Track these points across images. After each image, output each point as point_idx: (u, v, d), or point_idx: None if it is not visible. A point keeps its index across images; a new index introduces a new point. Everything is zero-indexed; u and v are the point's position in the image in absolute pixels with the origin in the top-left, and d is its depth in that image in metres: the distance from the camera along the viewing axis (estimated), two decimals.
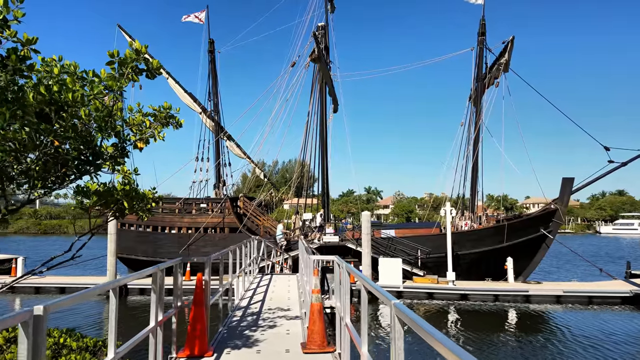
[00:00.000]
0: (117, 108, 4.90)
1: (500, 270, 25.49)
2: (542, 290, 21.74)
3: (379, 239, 25.07)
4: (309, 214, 28.07)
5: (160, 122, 5.90)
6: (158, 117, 5.87)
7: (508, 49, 24.66)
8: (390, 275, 22.07)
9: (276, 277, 14.09)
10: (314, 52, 23.18)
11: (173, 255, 27.15)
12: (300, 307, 8.86)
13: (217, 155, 29.88)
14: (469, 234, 25.73)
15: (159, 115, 5.87)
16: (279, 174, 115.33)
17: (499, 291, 21.81)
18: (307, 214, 28.06)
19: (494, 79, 27.00)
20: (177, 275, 6.07)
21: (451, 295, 21.95)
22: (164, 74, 30.11)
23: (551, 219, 26.22)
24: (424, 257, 24.36)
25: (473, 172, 27.77)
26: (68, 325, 17.19)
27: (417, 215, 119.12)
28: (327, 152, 29.14)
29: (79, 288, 24.49)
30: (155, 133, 5.87)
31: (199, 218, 27.30)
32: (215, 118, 30.24)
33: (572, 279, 25.06)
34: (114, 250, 24.01)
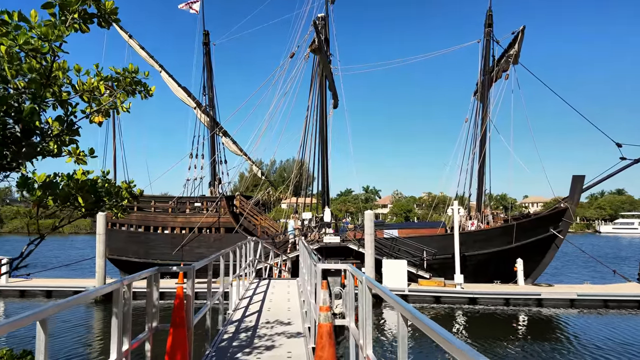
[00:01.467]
0: (59, 67, 3.67)
1: (509, 272, 24.33)
2: (555, 294, 20.59)
3: (382, 239, 23.87)
4: (309, 214, 26.85)
5: (125, 89, 4.69)
6: (122, 82, 4.67)
7: (518, 40, 23.46)
8: (395, 278, 20.88)
9: (274, 283, 12.86)
10: (314, 42, 21.94)
11: (166, 257, 25.91)
12: (303, 321, 7.65)
13: (213, 152, 28.61)
14: (477, 234, 24.56)
15: (122, 81, 4.66)
16: (277, 172, 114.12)
17: (509, 294, 20.65)
18: (307, 213, 26.84)
19: (502, 72, 25.80)
20: (151, 289, 4.85)
21: (459, 299, 20.78)
22: (156, 67, 28.86)
23: (561, 219, 25.09)
24: (430, 258, 23.16)
25: (480, 170, 26.60)
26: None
27: (416, 214, 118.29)
28: (327, 149, 27.95)
29: (66, 292, 23.22)
30: (118, 103, 4.67)
31: (193, 218, 26.04)
32: (211, 113, 28.98)
33: (584, 282, 23.89)
34: (103, 252, 22.74)
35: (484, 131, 26.57)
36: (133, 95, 5.12)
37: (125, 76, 4.95)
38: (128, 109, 5.17)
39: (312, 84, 27.21)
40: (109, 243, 27.63)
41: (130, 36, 28.87)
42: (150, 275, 4.86)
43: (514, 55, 23.63)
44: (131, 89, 5.07)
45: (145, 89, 5.16)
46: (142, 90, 5.16)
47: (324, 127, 27.86)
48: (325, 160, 27.80)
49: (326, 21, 26.96)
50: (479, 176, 26.52)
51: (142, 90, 5.16)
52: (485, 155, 26.62)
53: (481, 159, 26.52)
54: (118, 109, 4.99)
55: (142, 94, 5.18)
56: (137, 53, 29.00)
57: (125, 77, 4.95)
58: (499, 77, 26.36)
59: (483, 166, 26.50)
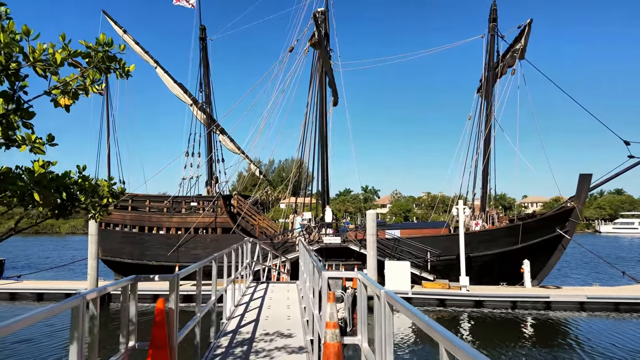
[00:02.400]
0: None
1: (514, 274, 23.61)
2: (564, 296, 19.86)
3: (383, 240, 23.11)
4: (309, 213, 26.08)
5: (97, 66, 3.94)
6: (93, 58, 3.91)
7: (525, 34, 22.70)
8: (398, 280, 20.13)
9: (273, 287, 12.08)
10: (313, 35, 21.14)
11: (161, 258, 25.11)
12: (305, 332, 6.89)
13: (209, 150, 27.82)
14: (481, 234, 23.82)
15: (94, 56, 3.90)
16: (275, 172, 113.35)
17: (517, 297, 19.90)
18: (307, 213, 26.07)
19: (507, 67, 25.06)
20: (127, 302, 4.09)
21: (464, 302, 20.03)
22: (151, 63, 28.07)
23: (568, 218, 24.39)
24: (434, 259, 22.40)
25: (484, 169, 25.85)
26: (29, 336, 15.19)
27: (415, 214, 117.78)
28: (327, 147, 27.18)
29: (57, 294, 22.44)
30: (87, 82, 3.91)
31: (189, 217, 25.24)
32: (207, 110, 28.18)
33: (593, 283, 23.17)
34: (95, 253, 21.92)
35: (488, 129, 25.82)
36: (107, 74, 4.35)
37: (98, 51, 4.19)
38: (100, 90, 4.40)
39: (312, 80, 26.46)
40: (102, 244, 26.84)
41: (124, 31, 28.08)
42: (126, 286, 4.09)
43: (520, 49, 22.87)
44: (104, 67, 4.30)
45: (121, 67, 4.39)
46: (118, 68, 4.39)
47: (324, 124, 27.10)
48: (325, 159, 27.05)
49: (326, 15, 26.18)
50: (484, 175, 25.79)
51: (118, 68, 4.39)
52: (490, 154, 25.88)
53: (486, 158, 25.79)
54: (87, 89, 4.24)
55: (118, 73, 4.41)
56: (132, 48, 28.20)
57: (98, 52, 4.18)
58: (503, 73, 25.62)
59: (488, 165, 25.76)
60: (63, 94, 4.15)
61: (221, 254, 7.68)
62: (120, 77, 4.18)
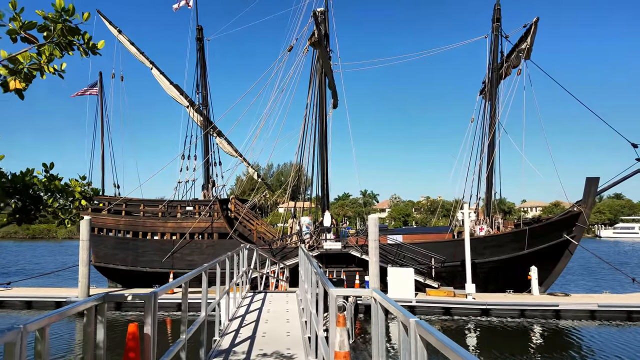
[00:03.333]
0: None
1: (521, 281, 22.87)
2: (574, 304, 19.11)
3: (386, 245, 22.33)
4: (307, 218, 25.31)
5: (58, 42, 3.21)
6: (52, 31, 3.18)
7: (531, 33, 22.03)
8: (401, 288, 19.36)
9: (271, 297, 11.29)
10: (313, 34, 20.44)
11: (155, 265, 24.30)
12: (306, 353, 6.12)
13: (206, 153, 27.05)
14: (487, 240, 23.06)
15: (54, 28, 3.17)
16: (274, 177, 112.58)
17: (525, 305, 19.14)
18: (305, 217, 25.29)
19: (511, 68, 24.40)
20: (92, 326, 3.33)
21: (471, 310, 19.27)
22: (147, 64, 27.35)
23: (574, 223, 23.65)
24: (439, 266, 21.63)
25: (489, 173, 25.14)
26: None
27: (415, 219, 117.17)
28: (327, 151, 26.44)
29: (46, 302, 21.59)
30: (42, 61, 3.18)
31: (184, 222, 24.44)
32: (204, 112, 27.45)
33: (603, 291, 22.42)
34: (86, 259, 21.13)
35: (492, 132, 25.13)
36: (68, 51, 3.60)
37: (57, 21, 3.44)
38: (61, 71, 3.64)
39: (312, 81, 25.74)
40: (95, 250, 26.05)
41: (119, 31, 27.39)
42: (91, 307, 3.34)
43: (526, 49, 22.20)
44: (65, 41, 3.55)
45: (86, 42, 3.64)
46: (82, 43, 3.64)
47: (324, 127, 26.37)
48: (325, 162, 26.32)
49: (326, 15, 25.51)
50: (488, 180, 25.07)
51: (82, 44, 3.64)
52: (494, 158, 25.18)
53: (490, 162, 25.11)
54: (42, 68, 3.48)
55: (82, 49, 3.66)
56: (127, 49, 27.51)
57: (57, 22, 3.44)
58: (508, 74, 24.96)
59: (492, 169, 25.06)
60: (12, 74, 3.41)
61: (213, 264, 6.92)
62: (85, 55, 3.44)
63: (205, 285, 5.87)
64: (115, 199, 26.20)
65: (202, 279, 5.83)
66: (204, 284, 5.79)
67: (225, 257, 8.02)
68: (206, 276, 5.84)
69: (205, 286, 5.86)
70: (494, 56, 24.94)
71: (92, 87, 27.65)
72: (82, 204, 5.24)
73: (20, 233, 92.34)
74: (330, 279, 23.00)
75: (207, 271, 5.98)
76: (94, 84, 27.60)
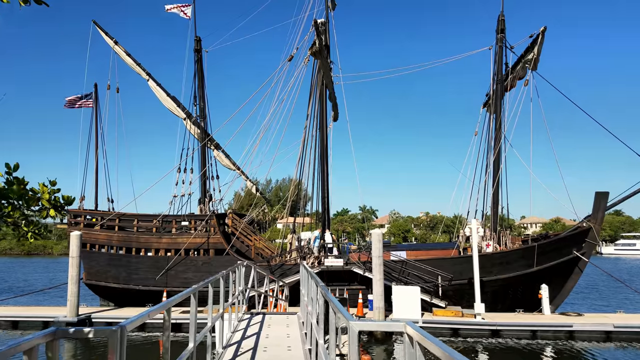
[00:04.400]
0: None
1: (530, 299, 21.93)
2: (588, 325, 18.15)
3: (389, 262, 21.38)
4: (308, 233, 24.40)
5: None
6: None
7: (538, 43, 21.45)
8: (407, 307, 18.40)
9: (270, 319, 10.35)
10: (314, 44, 19.83)
11: (148, 282, 23.32)
12: None
13: (203, 166, 26.22)
14: (495, 257, 22.15)
15: None
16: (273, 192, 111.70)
17: (537, 326, 18.18)
18: (306, 232, 24.40)
19: (517, 79, 23.80)
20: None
21: (480, 331, 18.29)
22: (143, 75, 26.71)
23: (584, 239, 22.78)
24: (446, 284, 20.67)
25: (495, 188, 24.35)
26: None
27: (414, 234, 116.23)
28: (328, 165, 25.67)
29: (33, 323, 20.56)
30: None
31: (179, 238, 23.49)
32: (202, 124, 26.72)
33: (617, 310, 21.45)
34: (76, 277, 20.15)
35: (498, 146, 24.40)
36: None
37: None
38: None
39: (312, 93, 25.07)
40: (87, 266, 25.07)
41: (116, 42, 26.81)
42: (33, 348, 2.49)
43: (532, 60, 21.59)
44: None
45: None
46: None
47: (325, 140, 25.63)
48: (325, 177, 25.52)
49: (326, 27, 24.99)
50: (495, 194, 24.26)
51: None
52: (500, 172, 24.40)
53: (496, 176, 24.34)
54: None
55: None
56: (123, 60, 26.91)
57: None
58: (513, 86, 24.34)
59: (499, 183, 24.28)
60: None
61: (205, 284, 6.06)
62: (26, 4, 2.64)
63: (194, 310, 5.00)
64: (108, 214, 25.29)
65: (191, 303, 4.97)
66: (193, 309, 4.92)
67: (220, 276, 7.15)
68: (195, 300, 4.98)
69: (194, 311, 5.00)
70: (499, 68, 24.35)
71: (86, 99, 26.93)
72: (50, 214, 4.40)
73: (15, 249, 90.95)
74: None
75: (197, 293, 5.12)
76: (87, 95, 26.90)
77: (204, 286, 6.07)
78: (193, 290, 4.91)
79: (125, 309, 21.85)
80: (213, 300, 6.49)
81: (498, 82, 24.15)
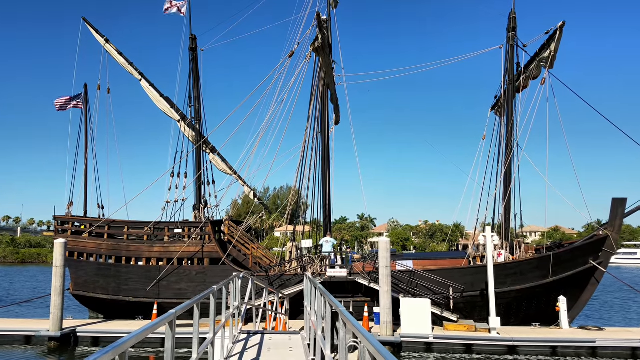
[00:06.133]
0: None
1: (545, 312, 20.61)
2: (612, 340, 16.79)
3: (396, 272, 20.00)
4: (309, 241, 23.05)
5: None
6: None
7: (556, 39, 20.22)
8: (417, 321, 17.01)
9: (269, 340, 8.97)
10: (317, 39, 18.61)
11: (139, 294, 21.92)
12: None
13: (198, 170, 24.85)
14: (508, 267, 20.82)
15: None
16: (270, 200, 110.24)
17: (556, 342, 16.81)
18: (307, 240, 23.04)
19: (530, 79, 22.60)
20: None
21: (495, 347, 16.90)
22: (135, 75, 25.45)
23: (601, 248, 21.51)
24: (458, 296, 19.30)
25: (507, 195, 23.09)
26: None
27: (413, 243, 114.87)
28: (330, 170, 24.37)
29: (14, 337, 19.06)
30: None
31: (172, 246, 22.08)
32: (197, 127, 25.43)
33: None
34: (59, 288, 18.71)
35: (509, 151, 23.14)
36: None
37: None
38: None
39: (313, 93, 23.81)
40: (74, 276, 23.66)
41: (107, 40, 25.57)
42: None
43: (549, 57, 20.38)
44: None
45: None
46: None
47: (327, 143, 24.37)
48: (327, 182, 24.21)
49: (328, 24, 23.84)
50: (507, 200, 22.96)
51: None
52: (512, 179, 23.13)
53: (507, 181, 23.10)
54: None
55: None
56: (115, 59, 25.66)
57: None
58: (525, 86, 23.13)
59: (511, 189, 23.01)
60: None
61: (189, 305, 4.73)
62: None
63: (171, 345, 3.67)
64: (97, 221, 23.89)
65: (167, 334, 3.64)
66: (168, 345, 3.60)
67: (210, 293, 5.84)
68: (172, 330, 3.65)
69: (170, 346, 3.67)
70: (510, 67, 23.16)
71: (75, 100, 25.64)
72: None
73: (9, 258, 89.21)
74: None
75: (175, 321, 3.79)
76: (77, 96, 25.60)
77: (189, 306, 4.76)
78: (168, 318, 3.59)
79: (113, 322, 20.41)
80: (197, 329, 5.17)
81: (509, 82, 22.95)
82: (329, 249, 21.50)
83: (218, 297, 6.79)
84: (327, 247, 21.55)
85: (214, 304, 5.93)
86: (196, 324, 4.98)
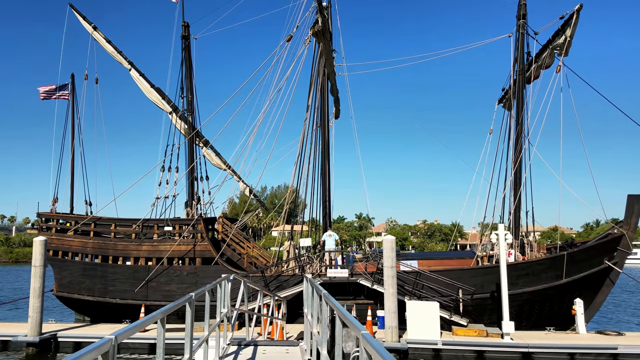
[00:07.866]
0: None
1: (559, 315, 19.41)
2: (634, 347, 15.58)
3: (401, 273, 18.70)
4: (307, 240, 21.76)
5: None
6: None
7: (572, 24, 18.99)
8: (424, 326, 15.73)
9: (264, 353, 7.68)
10: (317, 22, 17.30)
11: (126, 295, 20.59)
12: None
13: (190, 164, 23.50)
14: (519, 267, 19.59)
15: None
16: (268, 199, 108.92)
17: (575, 348, 15.57)
18: (305, 239, 21.75)
19: (542, 69, 21.37)
20: None
21: (509, 354, 15.65)
22: (125, 64, 24.12)
23: (616, 247, 20.32)
24: (468, 299, 18.03)
25: (515, 190, 21.88)
26: None
27: (412, 242, 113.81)
28: (330, 166, 23.11)
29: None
30: None
31: (161, 245, 20.74)
32: (189, 119, 24.10)
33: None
34: (39, 290, 17.35)
35: (519, 145, 21.91)
36: None
37: None
38: None
39: (312, 82, 22.51)
40: (59, 277, 22.31)
41: (94, 28, 24.22)
42: None
43: (565, 44, 19.12)
44: None
45: None
46: None
47: (327, 136, 23.10)
48: (327, 177, 22.95)
49: (329, 11, 22.57)
50: (517, 197, 21.75)
51: None
52: (521, 171, 21.93)
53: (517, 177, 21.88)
54: None
55: None
56: (103, 48, 24.32)
57: None
58: (536, 77, 21.90)
59: (519, 185, 21.78)
60: None
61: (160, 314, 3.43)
62: None
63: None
64: (82, 218, 22.53)
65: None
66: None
67: (187, 302, 4.57)
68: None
69: None
70: (520, 56, 21.91)
71: (62, 90, 24.26)
72: None
73: (3, 257, 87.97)
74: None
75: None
76: (63, 86, 24.23)
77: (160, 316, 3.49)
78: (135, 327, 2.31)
79: (98, 326, 19.09)
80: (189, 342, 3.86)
81: (519, 72, 21.69)
82: (332, 244, 20.20)
83: (206, 302, 5.52)
84: (330, 242, 20.24)
85: (191, 316, 4.65)
86: (161, 340, 3.67)
